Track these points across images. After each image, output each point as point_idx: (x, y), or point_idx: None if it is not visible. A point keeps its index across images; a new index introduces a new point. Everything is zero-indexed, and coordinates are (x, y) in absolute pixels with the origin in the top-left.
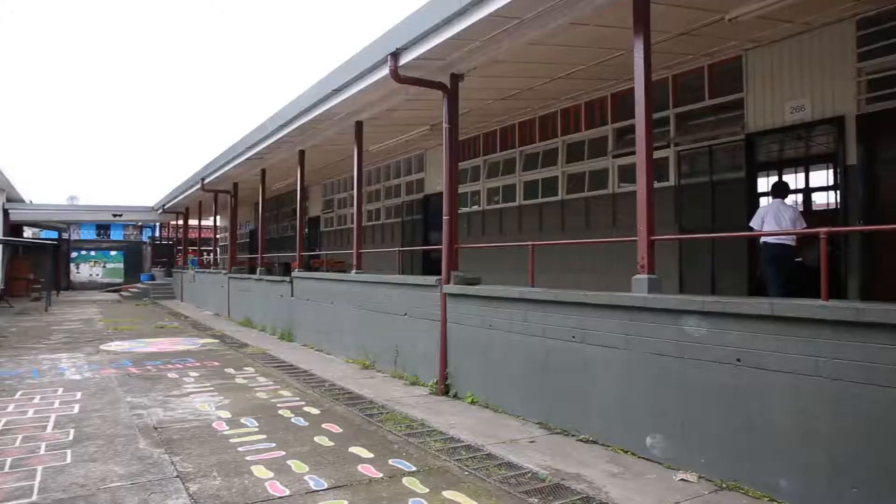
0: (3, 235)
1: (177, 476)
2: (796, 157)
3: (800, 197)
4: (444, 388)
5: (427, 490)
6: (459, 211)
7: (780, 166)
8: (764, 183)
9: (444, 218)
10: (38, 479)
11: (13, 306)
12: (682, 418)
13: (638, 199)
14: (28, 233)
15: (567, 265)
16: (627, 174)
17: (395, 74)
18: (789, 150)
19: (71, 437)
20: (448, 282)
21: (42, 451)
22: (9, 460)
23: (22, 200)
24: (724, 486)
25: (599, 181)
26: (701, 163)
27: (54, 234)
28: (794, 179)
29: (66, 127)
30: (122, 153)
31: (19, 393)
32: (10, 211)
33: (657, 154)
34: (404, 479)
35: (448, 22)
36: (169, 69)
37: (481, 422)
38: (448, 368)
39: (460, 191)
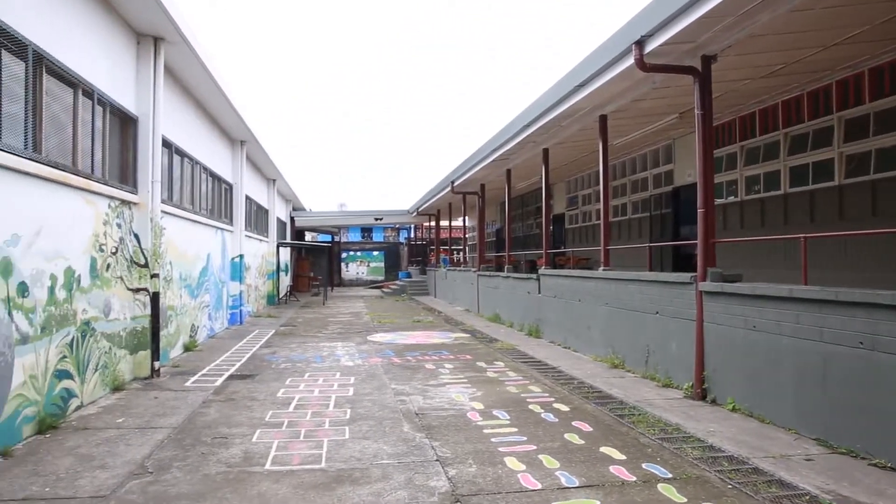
0: (291, 239)
1: (436, 460)
2: None
3: None
4: (701, 393)
5: (685, 500)
6: (715, 203)
7: None
8: None
9: (699, 211)
10: (324, 449)
11: (299, 300)
12: None
13: None
14: (308, 237)
15: (846, 261)
16: None
17: (641, 63)
18: None
19: (348, 416)
20: (704, 279)
21: (326, 426)
22: (303, 431)
23: (303, 209)
24: None
25: (891, 160)
26: None
27: (328, 238)
28: None
29: (333, 141)
30: (381, 162)
31: (307, 374)
32: (295, 218)
33: None
34: (659, 486)
35: (697, 0)
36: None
37: (744, 431)
38: (705, 371)
39: (715, 181)
